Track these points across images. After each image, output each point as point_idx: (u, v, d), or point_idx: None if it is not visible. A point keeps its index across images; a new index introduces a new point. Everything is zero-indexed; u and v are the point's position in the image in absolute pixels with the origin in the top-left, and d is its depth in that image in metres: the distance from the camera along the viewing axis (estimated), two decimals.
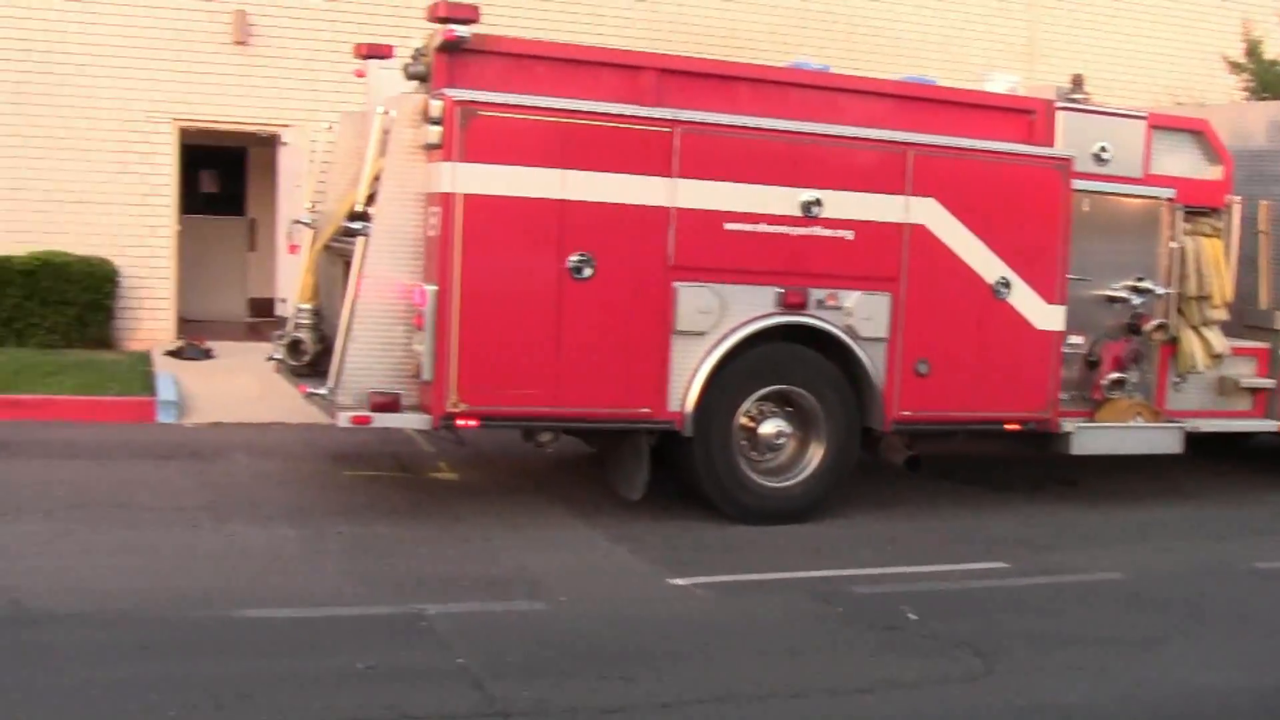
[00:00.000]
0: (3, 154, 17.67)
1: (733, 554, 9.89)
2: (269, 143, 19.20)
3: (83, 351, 16.91)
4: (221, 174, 21.85)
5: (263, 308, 19.97)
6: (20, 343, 16.95)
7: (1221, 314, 12.38)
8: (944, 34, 21.55)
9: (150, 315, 18.30)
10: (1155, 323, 11.91)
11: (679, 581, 9.06)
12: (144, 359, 16.62)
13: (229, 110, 18.56)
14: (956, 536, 10.89)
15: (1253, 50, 21.59)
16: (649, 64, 10.43)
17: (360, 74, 11.57)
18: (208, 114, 18.52)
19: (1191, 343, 12.22)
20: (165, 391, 14.42)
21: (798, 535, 10.44)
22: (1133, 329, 11.86)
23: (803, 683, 7.29)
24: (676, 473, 10.69)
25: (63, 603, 7.88)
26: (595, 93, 10.02)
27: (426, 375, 9.51)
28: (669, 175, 10.00)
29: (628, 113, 9.96)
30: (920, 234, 10.80)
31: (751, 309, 10.33)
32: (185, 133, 18.58)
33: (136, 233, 18.22)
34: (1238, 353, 12.59)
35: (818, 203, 10.44)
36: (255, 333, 18.81)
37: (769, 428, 10.72)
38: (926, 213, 10.81)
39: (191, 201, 19.96)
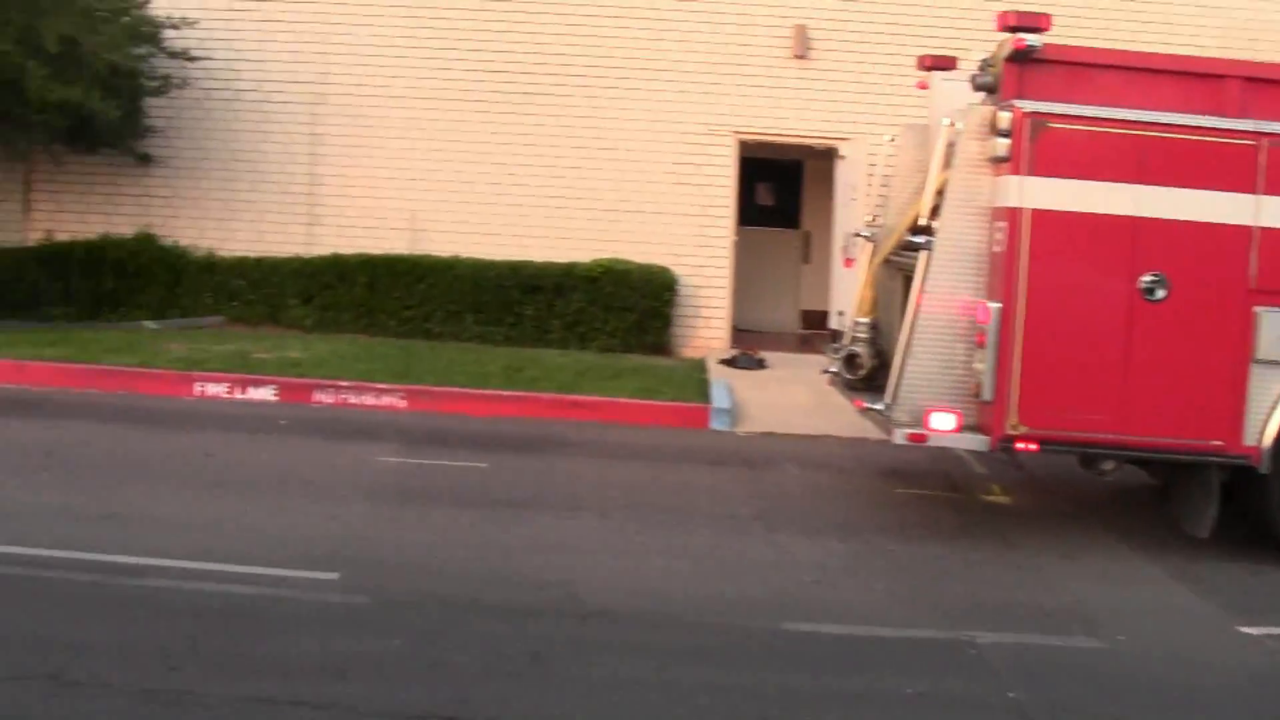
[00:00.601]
0: (572, 167, 18.65)
1: None
2: (825, 155, 19.37)
3: (639, 356, 17.58)
4: (777, 187, 22.24)
5: (815, 320, 20.16)
6: (582, 346, 17.81)
7: None
8: None
9: (705, 324, 18.86)
10: None
11: (1249, 630, 8.42)
12: (699, 366, 17.09)
13: (787, 123, 18.91)
14: None
15: None
16: (1232, 72, 9.79)
17: (923, 86, 11.44)
18: (766, 127, 18.95)
19: None
20: (719, 399, 14.72)
21: None
22: None
23: None
24: (1248, 511, 9.99)
25: (616, 600, 8.14)
26: (1166, 103, 9.50)
27: (986, 395, 9.27)
28: (1253, 192, 9.39)
29: (1209, 125, 9.41)
30: None
31: None
32: (743, 146, 19.02)
33: (694, 243, 18.83)
34: None
35: None
36: (807, 345, 19.00)
37: None
38: None
39: (747, 213, 20.39)
